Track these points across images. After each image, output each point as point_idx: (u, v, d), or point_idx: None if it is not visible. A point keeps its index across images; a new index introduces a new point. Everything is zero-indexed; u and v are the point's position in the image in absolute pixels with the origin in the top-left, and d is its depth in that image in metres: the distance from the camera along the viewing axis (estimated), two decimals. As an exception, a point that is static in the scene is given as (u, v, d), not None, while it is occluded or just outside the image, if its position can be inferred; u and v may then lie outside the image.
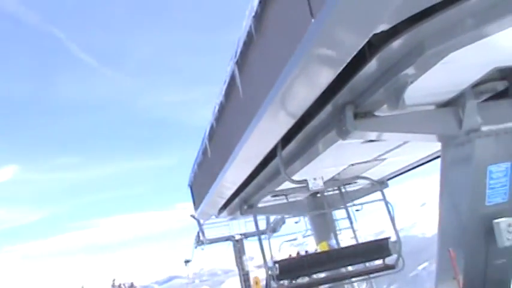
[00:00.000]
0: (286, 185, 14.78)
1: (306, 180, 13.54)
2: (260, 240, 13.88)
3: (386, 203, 14.47)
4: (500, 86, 9.12)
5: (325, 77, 7.52)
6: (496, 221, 9.06)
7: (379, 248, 13.64)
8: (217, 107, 13.50)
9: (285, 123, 9.73)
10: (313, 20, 6.45)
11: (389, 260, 13.47)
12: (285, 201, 18.40)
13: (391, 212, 14.29)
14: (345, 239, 18.54)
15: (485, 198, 9.10)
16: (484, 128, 8.95)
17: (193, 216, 26.47)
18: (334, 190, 17.82)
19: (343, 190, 17.73)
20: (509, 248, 9.19)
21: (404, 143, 12.04)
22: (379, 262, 13.79)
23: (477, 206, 9.14)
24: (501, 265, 9.50)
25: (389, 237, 13.51)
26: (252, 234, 27.88)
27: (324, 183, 14.88)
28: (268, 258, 13.35)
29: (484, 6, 6.24)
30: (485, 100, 9.24)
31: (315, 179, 14.18)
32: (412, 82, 7.55)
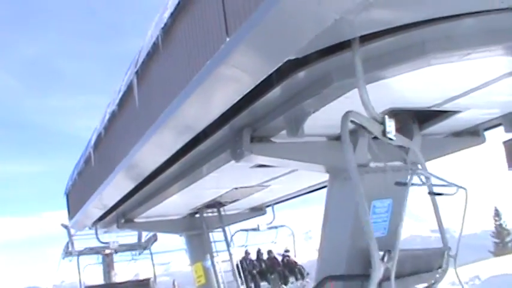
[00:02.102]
0: (167, 202, 14.72)
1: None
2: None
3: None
4: (390, 126, 9.54)
5: (229, 98, 7.57)
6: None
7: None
8: (107, 116, 13.17)
9: (179, 141, 9.70)
10: (228, 39, 6.49)
11: None
12: (163, 218, 18.28)
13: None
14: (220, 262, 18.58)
15: None
16: (372, 165, 9.30)
17: (64, 226, 25.62)
18: (213, 212, 17.92)
19: (222, 213, 17.86)
20: None
21: (291, 171, 12.26)
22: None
23: (358, 239, 9.42)
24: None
25: (150, 278, 14.64)
26: (123, 249, 27.34)
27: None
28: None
29: (384, 51, 6.65)
30: (376, 137, 9.61)
31: (114, 242, 18.79)
32: (314, 112, 7.76)
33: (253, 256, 22.32)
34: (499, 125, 10.20)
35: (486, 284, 34.60)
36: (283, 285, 20.35)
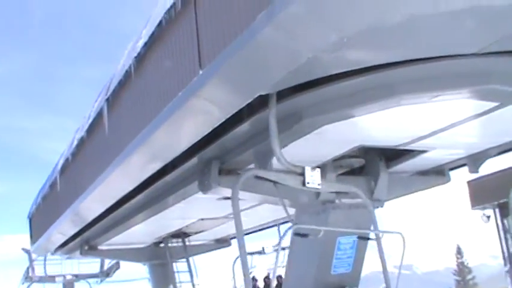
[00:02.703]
0: (132, 231, 14.61)
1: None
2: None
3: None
4: (357, 163, 9.66)
5: (199, 130, 7.60)
6: None
7: None
8: (76, 142, 13.08)
9: (147, 170, 9.66)
10: (201, 72, 6.52)
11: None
12: (127, 246, 18.14)
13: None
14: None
15: (331, 267, 9.43)
16: (338, 201, 9.36)
17: (25, 250, 25.20)
18: (178, 242, 17.82)
19: (187, 243, 17.78)
20: None
21: (258, 204, 12.24)
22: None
23: (323, 274, 9.44)
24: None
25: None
26: (84, 276, 26.97)
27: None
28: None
29: (355, 90, 6.72)
30: (342, 174, 9.69)
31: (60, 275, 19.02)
32: (283, 147, 7.78)
33: (260, 283, 20.75)
34: (464, 165, 10.36)
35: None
36: None
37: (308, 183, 7.86)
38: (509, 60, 6.47)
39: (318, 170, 7.98)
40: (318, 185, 7.99)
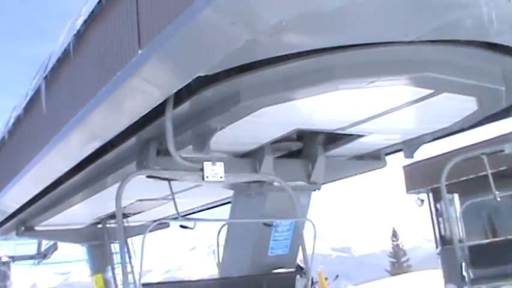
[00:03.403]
0: (70, 211, 14.45)
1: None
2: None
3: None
4: (295, 146, 9.81)
5: (138, 110, 7.54)
6: (276, 271, 9.50)
7: None
8: (12, 120, 12.86)
9: (85, 150, 9.55)
10: (140, 51, 6.49)
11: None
12: (65, 227, 17.93)
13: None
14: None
15: (269, 249, 9.55)
16: (276, 183, 9.46)
17: (-42, 231, 24.66)
18: (116, 223, 17.71)
19: (125, 224, 17.64)
20: None
21: (196, 186, 12.25)
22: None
23: (260, 255, 9.56)
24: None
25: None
26: (21, 258, 26.55)
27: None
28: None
29: (294, 73, 6.79)
30: (280, 157, 9.81)
31: None
32: (221, 129, 7.84)
33: None
34: (400, 150, 10.60)
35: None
36: None
37: (207, 177, 7.95)
38: (444, 49, 6.68)
39: (221, 164, 8.07)
40: (221, 177, 8.09)
